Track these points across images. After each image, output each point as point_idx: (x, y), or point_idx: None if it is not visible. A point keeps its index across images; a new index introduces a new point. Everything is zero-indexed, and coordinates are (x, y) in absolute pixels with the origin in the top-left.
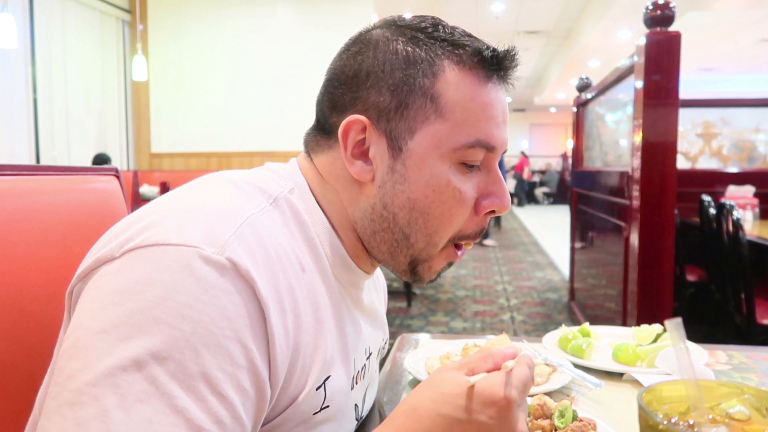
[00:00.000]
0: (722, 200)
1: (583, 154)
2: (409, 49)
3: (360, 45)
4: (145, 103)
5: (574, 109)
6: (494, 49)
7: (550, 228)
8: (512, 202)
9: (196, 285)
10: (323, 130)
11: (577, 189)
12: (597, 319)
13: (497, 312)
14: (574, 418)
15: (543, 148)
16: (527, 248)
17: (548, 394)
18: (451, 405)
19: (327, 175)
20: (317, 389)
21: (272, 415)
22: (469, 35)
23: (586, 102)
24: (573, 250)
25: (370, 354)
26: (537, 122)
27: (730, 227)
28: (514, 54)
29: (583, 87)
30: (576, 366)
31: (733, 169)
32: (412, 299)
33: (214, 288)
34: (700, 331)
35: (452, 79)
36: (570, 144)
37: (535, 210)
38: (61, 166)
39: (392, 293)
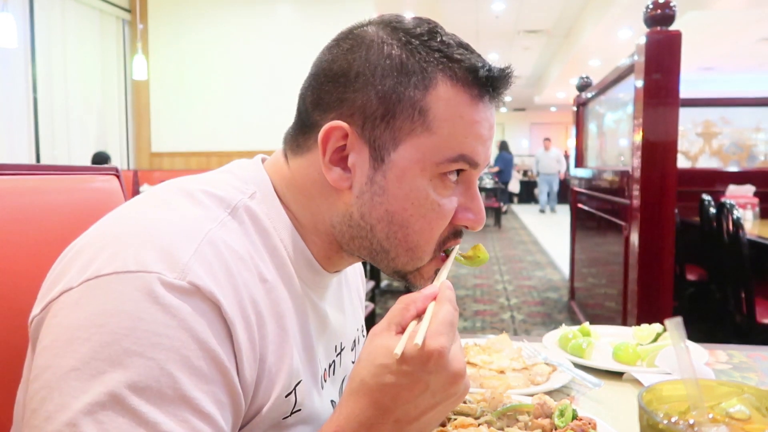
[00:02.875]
0: (722, 199)
1: (583, 154)
2: (404, 56)
3: (352, 42)
4: (145, 102)
5: (575, 109)
6: (490, 68)
7: (550, 227)
8: (513, 201)
9: (161, 312)
10: (304, 126)
11: (577, 188)
12: (597, 318)
13: (497, 311)
14: (574, 417)
15: (541, 147)
16: (527, 247)
17: (548, 393)
18: (392, 374)
19: (303, 177)
20: (287, 396)
21: (244, 422)
22: (466, 47)
23: (587, 101)
24: (573, 249)
25: (342, 349)
26: (537, 121)
27: (731, 226)
28: (509, 74)
29: (583, 86)
30: (576, 365)
31: (733, 169)
32: None
33: (180, 312)
34: (701, 331)
35: (443, 95)
36: (570, 143)
37: (535, 209)
38: (61, 166)
39: (392, 292)
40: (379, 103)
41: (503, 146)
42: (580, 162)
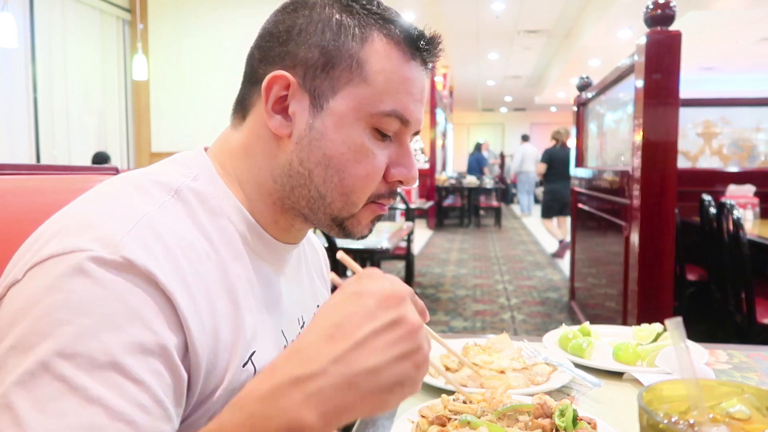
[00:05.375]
0: (722, 199)
1: (583, 154)
2: (344, 15)
3: (296, 4)
4: (145, 102)
5: (575, 109)
6: (421, 31)
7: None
8: (513, 201)
9: (93, 284)
10: (250, 83)
11: (578, 188)
12: (597, 318)
13: (497, 311)
14: (575, 417)
15: (543, 147)
16: (527, 247)
17: (548, 393)
18: (330, 299)
19: (247, 134)
20: (244, 366)
21: (203, 396)
22: (399, 16)
23: (587, 101)
24: (573, 249)
25: (304, 322)
26: (537, 121)
27: (731, 226)
28: (439, 41)
29: (583, 86)
30: (576, 365)
31: (733, 169)
32: None
33: (113, 284)
34: (701, 331)
35: (379, 49)
36: (571, 143)
37: (535, 209)
38: (61, 166)
39: None
40: (319, 55)
41: (476, 147)
42: (580, 162)
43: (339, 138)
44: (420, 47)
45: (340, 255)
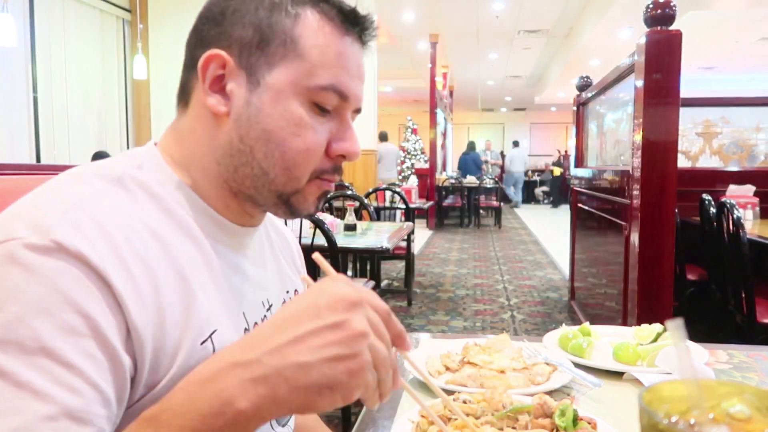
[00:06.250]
0: (723, 199)
1: (583, 154)
2: None
3: None
4: (145, 102)
5: (575, 109)
6: (353, 8)
7: (550, 227)
8: (512, 202)
9: (21, 270)
10: (188, 68)
11: (578, 188)
12: (597, 318)
13: (497, 311)
14: (575, 417)
15: (543, 147)
16: (527, 247)
17: (548, 393)
18: (297, 296)
19: (189, 120)
20: (202, 343)
21: (158, 377)
22: None
23: (587, 101)
24: (573, 249)
25: (271, 305)
26: (537, 121)
27: (731, 226)
28: (372, 18)
29: (583, 86)
30: (576, 365)
31: (733, 168)
32: (413, 298)
33: (41, 268)
34: (701, 330)
35: (312, 24)
36: (571, 143)
37: (535, 209)
38: (61, 166)
39: (393, 292)
40: (254, 33)
41: (468, 146)
42: (580, 162)
43: (277, 112)
44: (353, 23)
45: (316, 256)
